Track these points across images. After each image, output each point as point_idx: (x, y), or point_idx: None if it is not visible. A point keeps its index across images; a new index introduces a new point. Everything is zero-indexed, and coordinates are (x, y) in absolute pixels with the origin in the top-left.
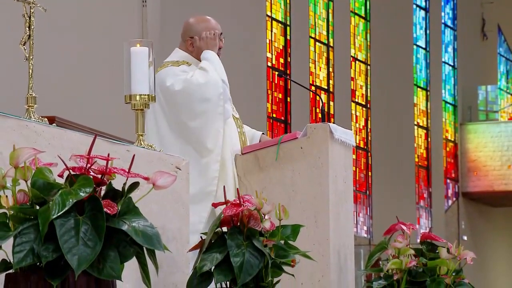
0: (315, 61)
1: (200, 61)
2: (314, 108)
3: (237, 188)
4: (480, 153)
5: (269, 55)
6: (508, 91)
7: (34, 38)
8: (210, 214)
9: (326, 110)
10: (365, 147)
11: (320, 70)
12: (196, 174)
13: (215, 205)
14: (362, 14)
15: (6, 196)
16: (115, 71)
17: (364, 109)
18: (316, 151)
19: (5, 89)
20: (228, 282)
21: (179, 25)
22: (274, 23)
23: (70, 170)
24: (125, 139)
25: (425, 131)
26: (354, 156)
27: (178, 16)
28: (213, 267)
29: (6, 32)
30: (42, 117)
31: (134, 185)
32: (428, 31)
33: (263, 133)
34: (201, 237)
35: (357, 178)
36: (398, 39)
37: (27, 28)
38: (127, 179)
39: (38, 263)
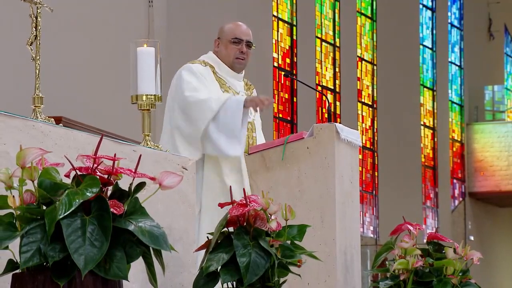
0: (321, 61)
1: (223, 62)
2: (320, 108)
3: (243, 188)
4: (486, 153)
5: (275, 55)
6: None
7: (41, 38)
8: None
9: (332, 110)
10: (372, 147)
11: (326, 70)
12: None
13: (221, 205)
14: (369, 14)
15: (13, 196)
16: (122, 72)
17: (370, 109)
18: (323, 151)
19: (12, 90)
20: (234, 282)
21: (186, 25)
22: (281, 23)
23: (77, 170)
24: (131, 139)
25: (431, 131)
26: (360, 156)
27: (185, 17)
28: (219, 267)
29: (13, 33)
30: (48, 117)
31: (141, 185)
32: (434, 31)
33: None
34: (207, 237)
35: (364, 178)
36: (404, 39)
37: (34, 29)
38: (133, 179)
39: (45, 263)
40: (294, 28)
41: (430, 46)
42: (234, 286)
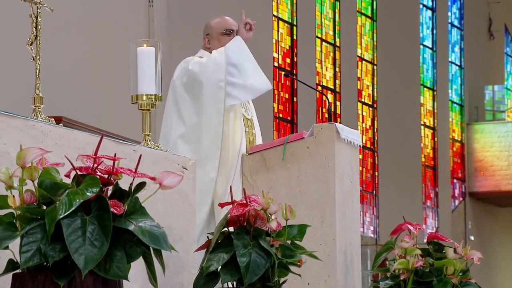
0: (321, 61)
1: None
2: (320, 108)
3: (243, 188)
4: (487, 153)
5: (275, 55)
6: None
7: (41, 38)
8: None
9: (332, 110)
10: (372, 147)
11: (326, 70)
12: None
13: (221, 205)
14: (369, 14)
15: (13, 196)
16: (122, 71)
17: (370, 109)
18: (323, 151)
19: (12, 90)
20: (234, 282)
21: (186, 25)
22: (281, 23)
23: (77, 170)
24: (131, 139)
25: (431, 131)
26: (360, 156)
27: (185, 16)
28: (219, 267)
29: (13, 33)
30: (49, 117)
31: (141, 185)
32: (434, 31)
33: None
34: (207, 237)
35: (364, 178)
36: (404, 39)
37: (34, 28)
38: (133, 179)
39: (45, 263)
40: (294, 28)
41: (430, 46)
42: (234, 286)
